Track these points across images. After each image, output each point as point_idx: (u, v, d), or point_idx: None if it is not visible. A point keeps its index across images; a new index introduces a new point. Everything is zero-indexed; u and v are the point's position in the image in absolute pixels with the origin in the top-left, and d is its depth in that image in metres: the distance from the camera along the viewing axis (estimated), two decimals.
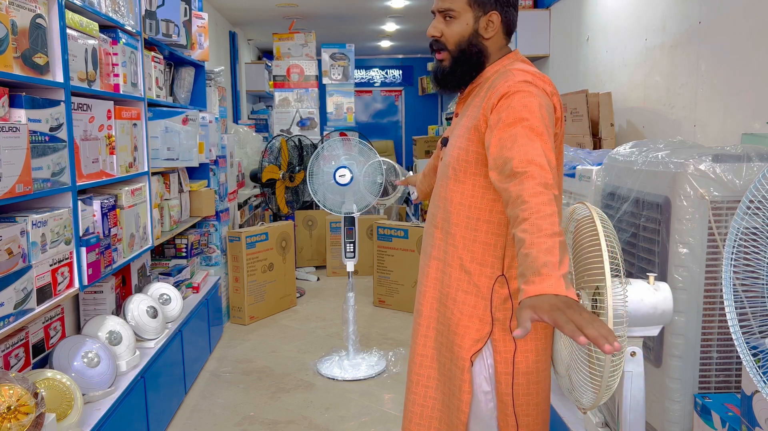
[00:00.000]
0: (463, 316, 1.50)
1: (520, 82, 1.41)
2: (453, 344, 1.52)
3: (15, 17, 1.76)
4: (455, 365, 1.53)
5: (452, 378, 1.54)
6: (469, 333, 1.50)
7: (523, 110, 1.35)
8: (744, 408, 1.45)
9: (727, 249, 1.28)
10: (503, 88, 1.41)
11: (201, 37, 3.94)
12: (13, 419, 1.63)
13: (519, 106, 1.36)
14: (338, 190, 3.60)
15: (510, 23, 1.56)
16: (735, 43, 2.39)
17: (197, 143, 3.43)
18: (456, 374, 1.53)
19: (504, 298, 1.48)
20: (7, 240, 1.73)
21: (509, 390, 1.49)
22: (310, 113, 6.70)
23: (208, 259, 4.23)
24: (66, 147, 2.05)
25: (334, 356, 3.67)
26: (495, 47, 1.57)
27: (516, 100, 1.38)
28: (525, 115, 1.34)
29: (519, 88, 1.39)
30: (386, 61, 11.16)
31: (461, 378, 1.51)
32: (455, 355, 1.53)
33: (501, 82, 1.44)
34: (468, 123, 1.51)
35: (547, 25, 4.69)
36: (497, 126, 1.37)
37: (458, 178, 1.51)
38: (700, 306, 1.70)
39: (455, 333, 1.52)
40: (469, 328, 1.50)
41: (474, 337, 1.50)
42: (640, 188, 1.88)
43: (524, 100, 1.37)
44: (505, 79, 1.44)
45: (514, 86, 1.40)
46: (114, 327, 2.49)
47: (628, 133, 3.35)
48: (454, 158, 1.52)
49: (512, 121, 1.35)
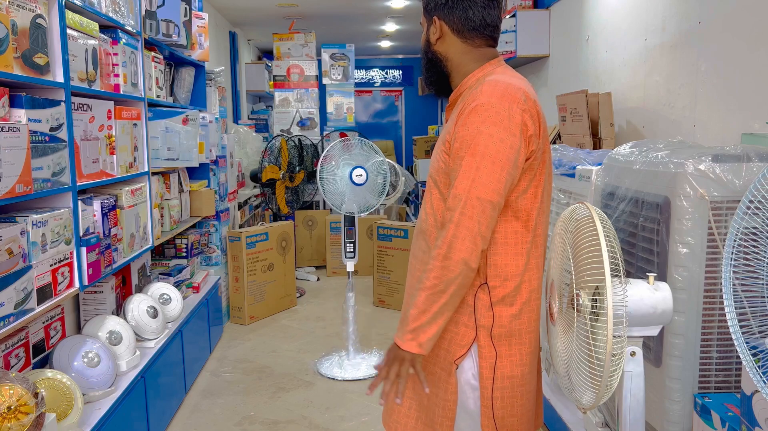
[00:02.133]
0: (450, 322, 1.50)
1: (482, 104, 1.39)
2: (439, 348, 1.52)
3: (15, 17, 1.76)
4: (441, 368, 1.52)
5: (436, 381, 1.53)
6: (455, 338, 1.50)
7: (477, 136, 1.37)
8: (744, 408, 1.45)
9: (726, 249, 1.28)
10: (472, 101, 1.42)
11: (201, 37, 3.94)
12: (13, 419, 1.63)
13: (473, 131, 1.38)
14: (355, 190, 3.63)
15: (460, 25, 1.51)
16: (735, 43, 2.39)
17: (197, 143, 3.43)
18: (441, 377, 1.52)
19: (487, 306, 1.47)
20: (7, 240, 1.73)
21: (489, 394, 1.49)
22: (310, 113, 6.70)
23: (209, 259, 4.23)
24: (66, 147, 2.06)
25: (334, 356, 3.67)
26: (454, 52, 1.54)
27: (471, 123, 1.39)
28: (478, 141, 1.37)
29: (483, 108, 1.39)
30: (386, 61, 11.16)
31: (447, 381, 1.51)
32: (440, 359, 1.52)
33: (469, 98, 1.44)
34: (443, 135, 1.51)
35: (547, 25, 4.69)
36: (453, 151, 1.43)
37: (440, 188, 1.51)
38: (700, 306, 1.70)
39: (442, 337, 1.51)
40: (457, 334, 1.50)
41: (459, 343, 1.50)
42: (639, 188, 1.88)
43: (480, 125, 1.38)
44: (473, 96, 1.43)
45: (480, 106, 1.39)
46: (114, 327, 2.49)
47: (628, 133, 3.35)
48: (435, 169, 1.53)
49: (463, 148, 1.39)
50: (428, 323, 1.41)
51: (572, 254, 1.48)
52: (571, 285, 1.45)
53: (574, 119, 3.47)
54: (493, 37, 1.55)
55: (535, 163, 1.44)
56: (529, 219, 1.46)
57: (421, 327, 1.41)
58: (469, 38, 1.52)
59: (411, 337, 1.41)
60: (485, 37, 1.53)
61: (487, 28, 1.52)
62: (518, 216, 1.45)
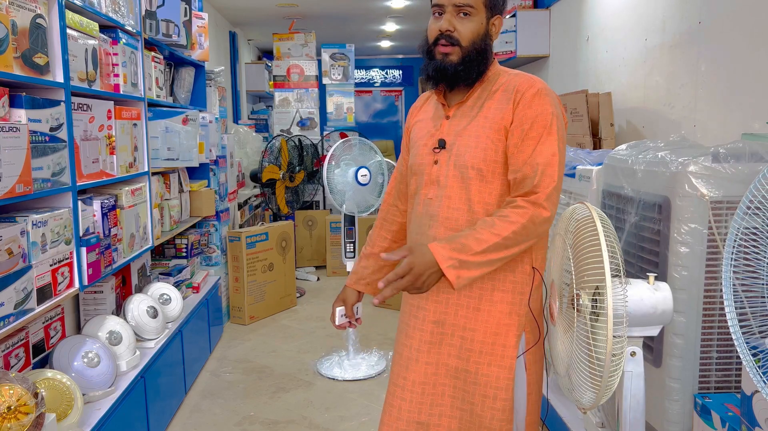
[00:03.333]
0: (503, 315, 1.51)
1: (545, 88, 1.50)
2: (495, 344, 1.52)
3: (15, 17, 1.76)
4: (497, 366, 1.52)
5: (491, 382, 1.52)
6: (511, 330, 1.52)
7: (551, 118, 1.47)
8: (744, 408, 1.45)
9: (727, 249, 1.28)
10: (530, 86, 1.50)
11: (201, 37, 3.94)
12: (13, 419, 1.63)
13: (546, 112, 1.47)
14: (357, 190, 3.64)
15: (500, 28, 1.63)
16: (735, 43, 2.39)
17: (197, 143, 3.43)
18: (500, 376, 1.51)
19: (536, 286, 1.55)
20: (7, 240, 1.73)
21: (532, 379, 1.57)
22: (310, 113, 6.70)
23: (209, 259, 4.23)
24: (66, 147, 2.05)
25: (334, 356, 3.67)
26: (492, 50, 1.61)
27: (540, 104, 1.48)
28: (551, 121, 1.46)
29: (546, 92, 1.49)
30: (386, 61, 11.16)
31: (508, 378, 1.51)
32: (497, 356, 1.52)
33: (521, 81, 1.52)
34: (488, 123, 1.51)
35: (547, 25, 4.69)
36: (522, 131, 1.48)
37: (485, 178, 1.51)
38: (700, 306, 1.70)
39: (496, 333, 1.52)
40: (511, 326, 1.52)
41: (516, 333, 1.53)
42: (639, 188, 1.88)
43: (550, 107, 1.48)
44: (522, 82, 1.52)
45: (543, 89, 1.49)
46: (114, 327, 2.49)
47: (628, 133, 3.35)
48: (479, 159, 1.51)
49: (539, 128, 1.46)
50: (478, 266, 1.40)
51: (572, 254, 1.48)
52: (572, 286, 1.45)
53: (574, 119, 3.47)
54: None
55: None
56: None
57: (470, 264, 1.39)
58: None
59: (456, 265, 1.38)
60: None
61: None
62: None
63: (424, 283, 1.37)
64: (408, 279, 1.36)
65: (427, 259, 1.37)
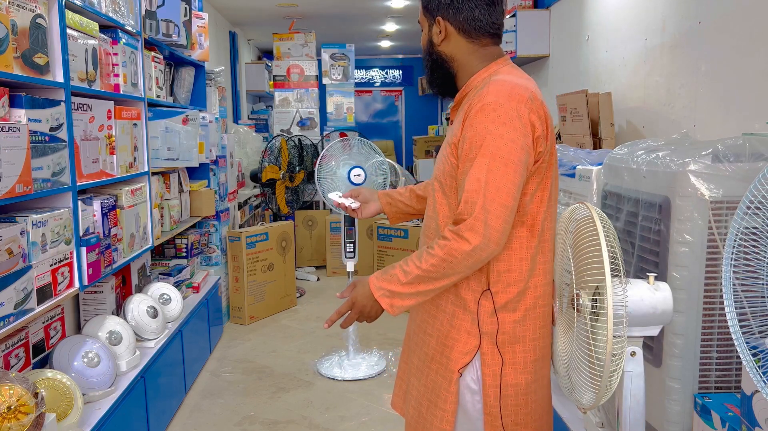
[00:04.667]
0: (452, 328, 1.48)
1: (489, 103, 1.36)
2: (442, 355, 1.50)
3: (15, 17, 1.76)
4: (441, 376, 1.50)
5: (435, 389, 1.51)
6: (457, 345, 1.47)
7: (486, 137, 1.34)
8: (744, 408, 1.45)
9: (726, 249, 1.28)
10: (479, 101, 1.38)
11: (201, 37, 3.94)
12: (13, 419, 1.63)
13: (482, 132, 1.35)
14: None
15: (466, 25, 1.48)
16: (735, 43, 2.39)
17: (197, 143, 3.43)
18: (442, 386, 1.49)
19: (490, 312, 1.45)
20: (7, 240, 1.73)
21: (497, 403, 1.45)
22: (310, 113, 6.70)
23: (208, 259, 4.23)
24: (66, 147, 2.05)
25: (334, 356, 3.67)
26: (460, 52, 1.50)
27: (479, 123, 1.35)
28: (484, 141, 1.34)
29: (492, 107, 1.35)
30: (386, 61, 11.16)
31: (447, 390, 1.48)
32: (442, 366, 1.50)
33: (476, 99, 1.39)
34: (449, 137, 1.48)
35: (547, 25, 4.69)
36: (461, 151, 1.40)
37: (445, 191, 1.48)
38: (700, 306, 1.70)
39: (444, 344, 1.49)
40: (458, 341, 1.47)
41: (462, 350, 1.47)
42: (640, 188, 1.88)
43: (488, 125, 1.34)
44: (480, 97, 1.38)
45: (489, 104, 1.36)
46: (114, 327, 2.49)
47: (628, 133, 3.35)
48: (440, 171, 1.49)
49: (473, 150, 1.36)
50: (409, 296, 1.44)
51: (572, 254, 1.48)
52: (571, 285, 1.45)
53: (574, 119, 3.47)
54: (498, 35, 1.52)
55: (542, 166, 1.41)
56: (535, 223, 1.44)
57: (400, 294, 1.44)
58: (475, 38, 1.49)
59: (387, 294, 1.45)
60: (491, 35, 1.50)
61: (493, 27, 1.49)
62: (524, 221, 1.43)
63: (369, 313, 1.50)
64: (354, 312, 1.52)
65: (365, 290, 1.48)
